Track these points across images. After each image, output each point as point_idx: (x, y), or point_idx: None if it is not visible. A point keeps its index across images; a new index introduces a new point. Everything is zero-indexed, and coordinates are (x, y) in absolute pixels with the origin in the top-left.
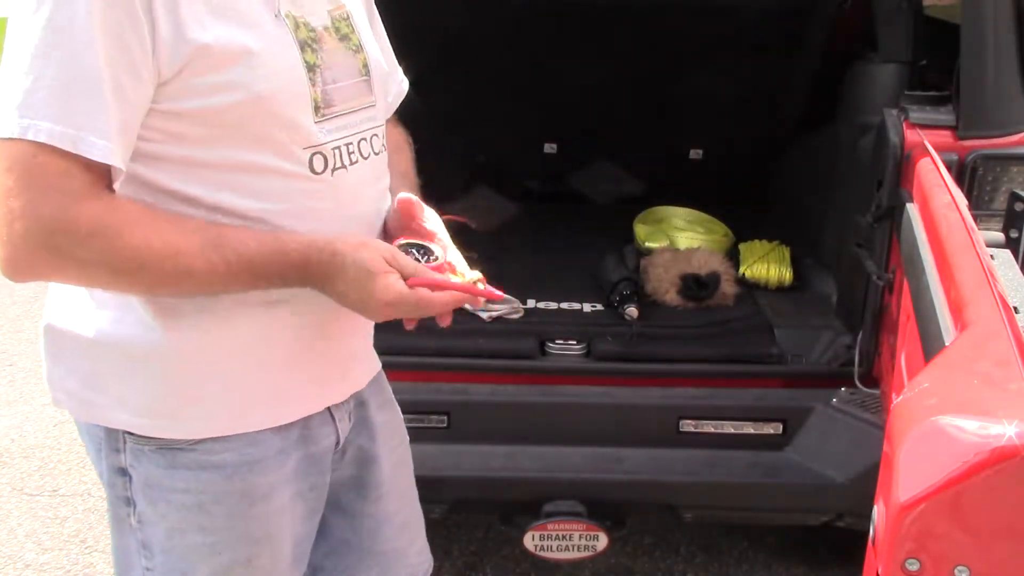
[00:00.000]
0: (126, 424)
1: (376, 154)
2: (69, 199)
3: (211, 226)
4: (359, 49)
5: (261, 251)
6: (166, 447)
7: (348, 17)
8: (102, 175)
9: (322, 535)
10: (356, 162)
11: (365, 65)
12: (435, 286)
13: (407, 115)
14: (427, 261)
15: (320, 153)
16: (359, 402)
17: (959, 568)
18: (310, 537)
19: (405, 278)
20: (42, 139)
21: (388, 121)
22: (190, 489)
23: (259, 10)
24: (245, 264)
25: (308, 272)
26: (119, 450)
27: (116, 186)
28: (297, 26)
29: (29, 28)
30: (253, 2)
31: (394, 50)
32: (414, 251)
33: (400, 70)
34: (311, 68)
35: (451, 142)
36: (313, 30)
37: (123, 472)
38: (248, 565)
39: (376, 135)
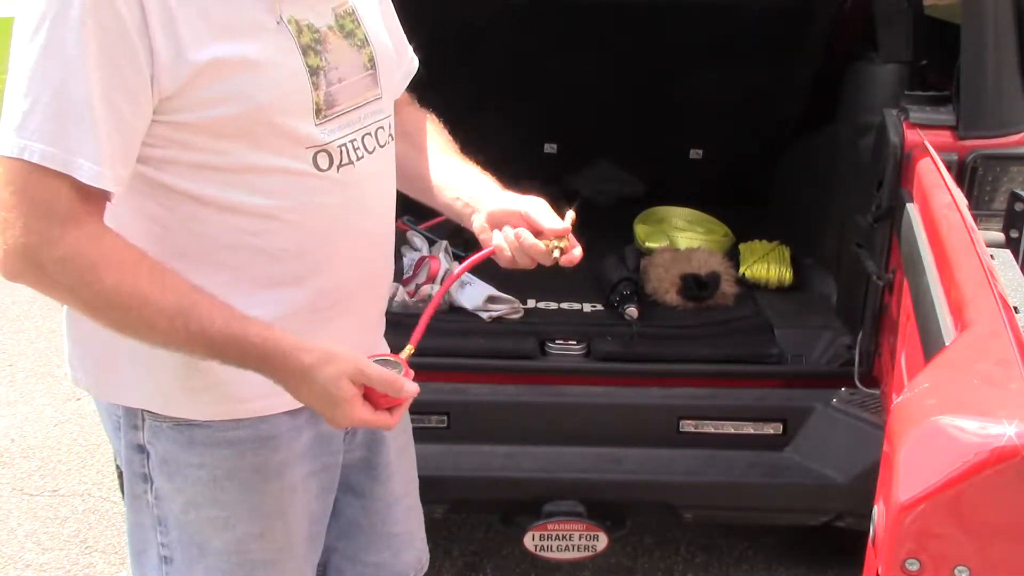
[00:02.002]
0: (142, 403)
1: (382, 147)
2: (54, 219)
3: (191, 292)
4: (364, 43)
5: (223, 331)
6: (183, 424)
7: (353, 12)
8: (94, 200)
9: (334, 517)
10: (362, 157)
11: (371, 59)
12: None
13: None
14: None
15: (325, 151)
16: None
17: (959, 568)
18: (325, 516)
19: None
20: (35, 159)
21: (408, 104)
22: (205, 464)
23: (260, 19)
24: (204, 338)
25: (266, 367)
26: (137, 427)
27: (115, 198)
28: (300, 30)
29: (28, 52)
30: (254, 11)
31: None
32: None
33: (410, 48)
34: (314, 72)
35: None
36: (317, 31)
37: (141, 449)
38: (261, 539)
39: (382, 128)
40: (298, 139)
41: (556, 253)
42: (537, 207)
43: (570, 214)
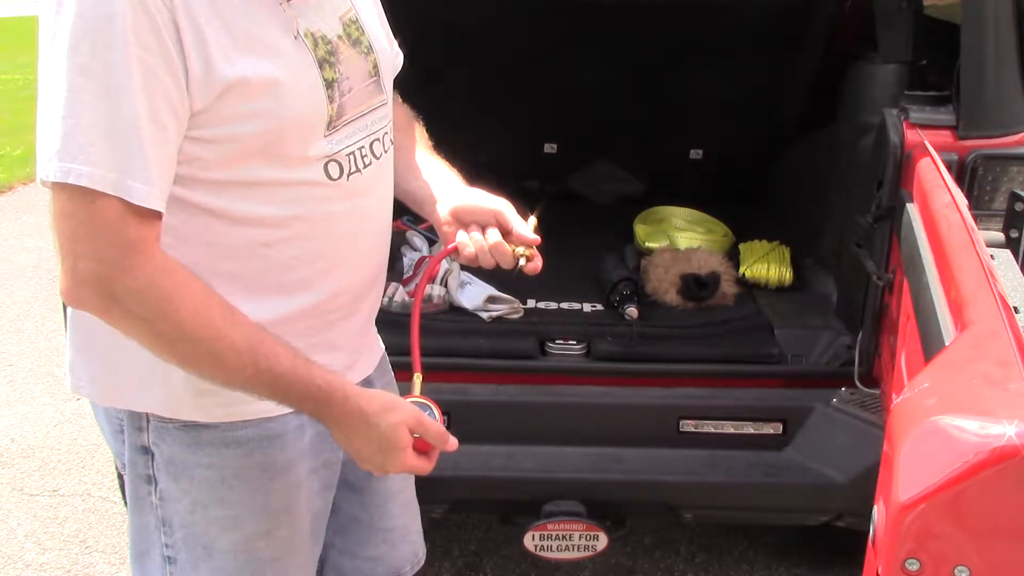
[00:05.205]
0: (149, 407)
1: (386, 151)
2: (127, 248)
3: (258, 329)
4: (369, 51)
5: (289, 371)
6: (190, 425)
7: (357, 19)
8: (153, 225)
9: (332, 513)
10: (369, 164)
11: (375, 66)
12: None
13: None
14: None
15: (334, 161)
16: (366, 381)
17: (959, 568)
18: (326, 512)
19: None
20: (83, 183)
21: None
22: (213, 464)
23: (279, 36)
24: (269, 376)
25: (324, 409)
26: (142, 429)
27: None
28: (316, 44)
29: (65, 72)
30: (273, 28)
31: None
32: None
33: (395, 43)
34: (329, 85)
35: (451, 141)
36: (329, 43)
37: (145, 451)
38: (268, 537)
39: (387, 132)
40: (311, 151)
41: (522, 261)
42: (509, 209)
43: (532, 219)
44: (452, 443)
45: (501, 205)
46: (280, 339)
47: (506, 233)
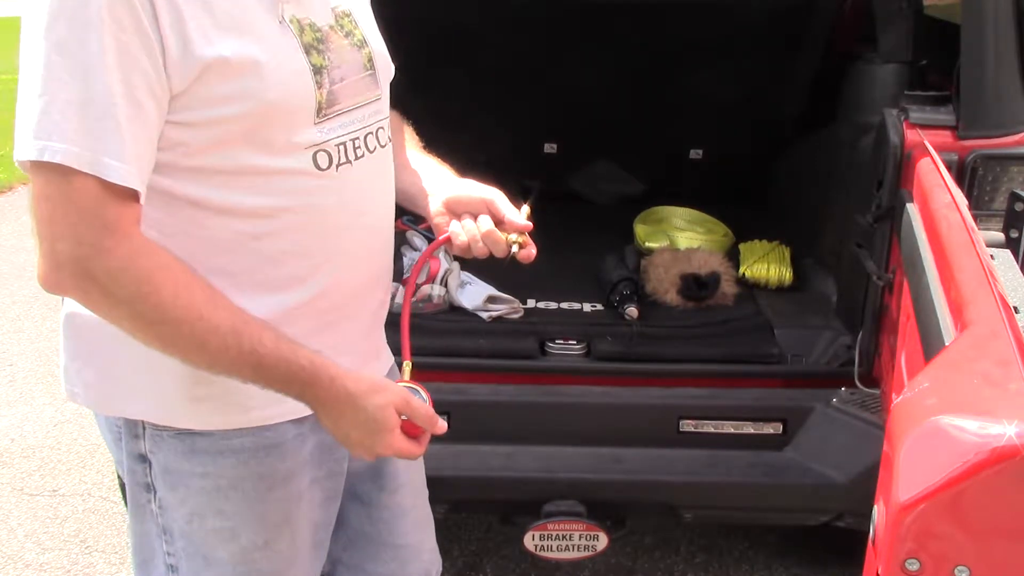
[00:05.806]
0: (143, 414)
1: (382, 147)
2: (106, 229)
3: (240, 311)
4: (363, 44)
5: (273, 353)
6: (185, 433)
7: (349, 13)
8: (132, 206)
9: (340, 527)
10: (362, 157)
11: (370, 59)
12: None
13: (407, 113)
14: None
15: (324, 150)
16: None
17: (959, 568)
18: (329, 524)
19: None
20: (57, 160)
21: None
22: (209, 474)
23: (263, 19)
24: (254, 359)
25: (310, 391)
26: (138, 436)
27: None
28: (302, 30)
29: (42, 50)
30: (257, 11)
31: (394, 48)
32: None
33: (388, 55)
34: (317, 71)
35: (450, 141)
36: (319, 30)
37: (143, 459)
38: (266, 548)
39: (382, 128)
40: (299, 138)
41: (515, 248)
42: (500, 198)
43: (525, 208)
44: (441, 425)
45: (492, 194)
46: (264, 321)
47: (499, 222)
